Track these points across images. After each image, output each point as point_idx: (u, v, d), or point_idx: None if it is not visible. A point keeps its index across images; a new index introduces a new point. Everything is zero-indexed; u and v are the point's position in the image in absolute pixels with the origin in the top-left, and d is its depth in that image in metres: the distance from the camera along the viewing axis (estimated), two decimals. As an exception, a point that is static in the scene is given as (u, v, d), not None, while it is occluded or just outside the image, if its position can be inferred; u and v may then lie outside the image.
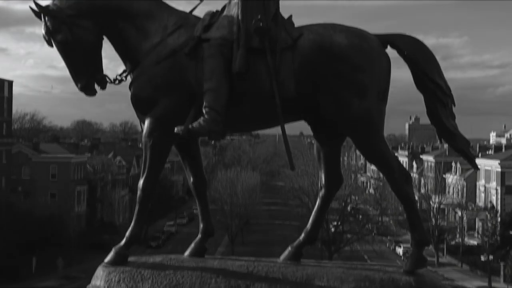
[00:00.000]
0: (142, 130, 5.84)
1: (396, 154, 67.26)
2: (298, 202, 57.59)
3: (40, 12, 5.68)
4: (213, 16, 5.81)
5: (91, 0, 5.76)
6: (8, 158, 64.00)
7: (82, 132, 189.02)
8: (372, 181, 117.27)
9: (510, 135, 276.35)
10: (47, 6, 5.70)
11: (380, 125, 5.66)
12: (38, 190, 64.13)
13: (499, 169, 63.37)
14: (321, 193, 6.03)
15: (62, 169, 65.75)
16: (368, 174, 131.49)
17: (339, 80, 5.48)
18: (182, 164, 6.24)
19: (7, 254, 48.72)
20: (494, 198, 65.03)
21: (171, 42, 5.70)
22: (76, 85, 5.85)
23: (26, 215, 55.25)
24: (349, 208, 69.71)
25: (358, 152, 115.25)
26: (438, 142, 9.67)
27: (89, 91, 5.94)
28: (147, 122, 5.71)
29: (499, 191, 63.63)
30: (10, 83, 64.66)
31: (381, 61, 5.66)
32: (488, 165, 66.30)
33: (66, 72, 5.93)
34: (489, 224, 60.36)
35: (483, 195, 68.18)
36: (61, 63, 5.98)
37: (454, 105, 5.96)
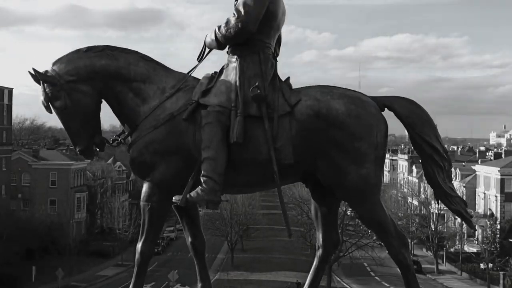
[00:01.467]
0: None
1: (396, 158, 66.92)
2: (299, 210, 57.52)
3: (39, 79, 5.75)
4: (211, 80, 5.85)
5: (89, 65, 5.81)
6: (8, 166, 64.03)
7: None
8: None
9: (510, 135, 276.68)
10: (46, 72, 5.76)
11: (377, 190, 5.70)
12: (38, 197, 64.20)
13: (499, 176, 63.32)
14: (318, 253, 6.04)
15: (61, 176, 65.79)
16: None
17: (336, 148, 5.51)
18: (180, 223, 6.28)
19: (7, 262, 48.64)
20: (493, 205, 65.01)
21: (169, 106, 5.73)
22: (75, 148, 5.91)
23: (26, 223, 55.30)
24: (348, 212, 69.66)
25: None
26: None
27: (88, 154, 6.02)
28: (145, 186, 5.76)
29: (498, 198, 63.59)
30: (10, 91, 64.66)
31: (379, 127, 5.67)
32: (488, 172, 66.28)
33: None
34: (489, 232, 60.43)
35: (482, 201, 68.16)
36: None
37: (451, 167, 6.09)
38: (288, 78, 5.95)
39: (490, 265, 57.07)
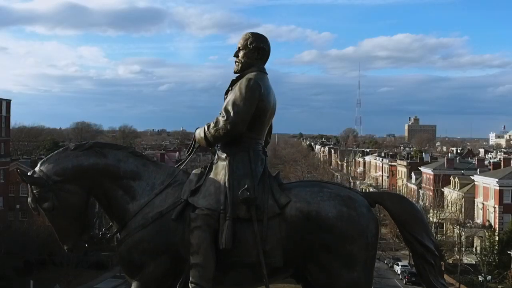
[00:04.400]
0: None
1: (395, 164, 66.95)
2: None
3: (26, 182, 5.70)
4: (200, 177, 5.82)
5: (77, 164, 5.77)
6: (6, 178, 64.01)
7: (81, 134, 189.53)
8: (371, 189, 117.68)
9: (509, 136, 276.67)
10: (33, 174, 5.72)
11: None
12: None
13: (497, 188, 63.28)
14: None
15: (60, 186, 65.60)
16: (367, 181, 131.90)
17: (327, 252, 5.49)
18: None
19: (5, 276, 48.63)
20: (492, 216, 64.96)
21: (158, 203, 5.72)
22: (63, 246, 5.89)
23: (23, 235, 55.22)
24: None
25: (357, 159, 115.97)
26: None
27: (76, 251, 6.00)
28: (134, 286, 5.72)
29: (497, 209, 63.56)
30: (8, 102, 64.69)
31: (370, 228, 5.64)
32: (486, 182, 66.22)
33: (66, 71, 5.90)
34: (487, 243, 60.38)
35: (481, 211, 68.10)
36: (61, 62, 5.94)
37: (443, 262, 6.04)
38: (278, 174, 5.94)
39: (489, 277, 56.99)
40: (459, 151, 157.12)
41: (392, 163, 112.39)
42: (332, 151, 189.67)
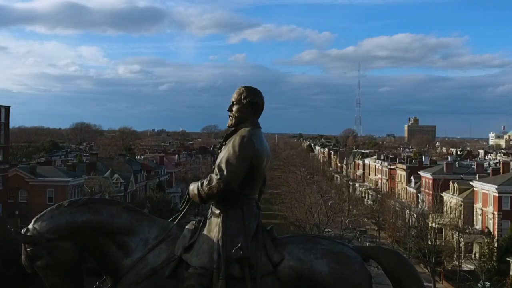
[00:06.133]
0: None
1: (394, 167, 66.94)
2: (296, 230, 57.74)
3: (20, 241, 5.73)
4: (194, 233, 5.82)
5: (71, 221, 5.77)
6: (5, 184, 63.98)
7: (80, 135, 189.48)
8: (370, 192, 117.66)
9: (509, 136, 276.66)
10: (27, 232, 5.74)
11: None
12: (35, 214, 61.69)
13: (496, 194, 63.20)
14: None
15: (59, 192, 65.63)
16: (367, 184, 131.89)
17: None
18: None
19: (3, 283, 48.53)
20: (491, 222, 64.89)
21: (152, 259, 5.72)
22: None
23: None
24: (347, 221, 69.62)
25: (356, 161, 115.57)
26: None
27: None
28: None
29: (496, 215, 63.48)
30: (7, 109, 64.64)
31: (363, 286, 5.66)
32: (486, 189, 66.14)
33: (66, 71, 5.87)
34: (486, 250, 60.31)
35: (480, 218, 68.03)
36: (61, 62, 5.91)
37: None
38: (271, 228, 5.94)
39: (487, 283, 56.95)
40: (458, 152, 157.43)
41: (392, 166, 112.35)
42: (332, 152, 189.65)
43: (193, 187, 5.90)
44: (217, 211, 5.80)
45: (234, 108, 6.06)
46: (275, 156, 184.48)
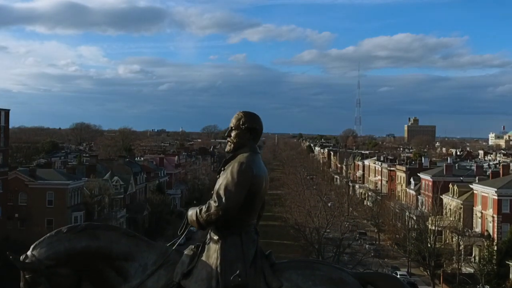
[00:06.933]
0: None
1: (394, 168, 67.01)
2: (295, 233, 57.64)
3: (19, 268, 5.75)
4: (192, 258, 5.83)
5: (69, 248, 5.78)
6: (5, 187, 63.94)
7: (80, 135, 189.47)
8: (370, 193, 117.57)
9: (509, 136, 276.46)
10: (25, 259, 5.76)
11: None
12: (35, 216, 64.01)
13: (496, 197, 63.15)
14: None
15: (58, 195, 65.65)
16: (366, 185, 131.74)
17: None
18: None
19: (3, 287, 48.52)
20: (490, 225, 64.86)
21: (151, 285, 5.75)
22: None
23: (22, 247, 54.99)
24: (346, 224, 69.62)
25: (356, 162, 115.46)
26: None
27: None
28: None
29: (495, 218, 63.44)
30: (7, 112, 64.56)
31: None
32: (485, 192, 66.09)
33: (66, 71, 5.86)
34: (486, 253, 60.30)
35: (479, 220, 68.00)
36: (61, 62, 5.88)
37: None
38: (270, 253, 5.93)
39: (487, 287, 56.98)
40: (458, 153, 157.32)
41: (391, 168, 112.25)
42: (332, 153, 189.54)
43: (191, 213, 5.91)
44: (216, 237, 5.81)
45: (233, 134, 6.06)
46: (275, 157, 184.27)
